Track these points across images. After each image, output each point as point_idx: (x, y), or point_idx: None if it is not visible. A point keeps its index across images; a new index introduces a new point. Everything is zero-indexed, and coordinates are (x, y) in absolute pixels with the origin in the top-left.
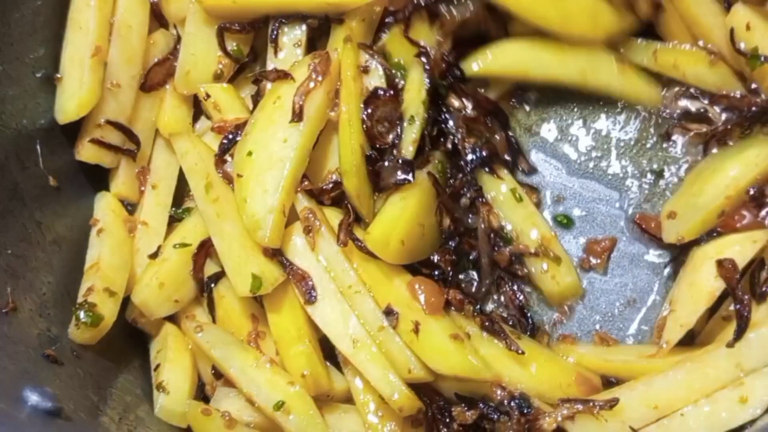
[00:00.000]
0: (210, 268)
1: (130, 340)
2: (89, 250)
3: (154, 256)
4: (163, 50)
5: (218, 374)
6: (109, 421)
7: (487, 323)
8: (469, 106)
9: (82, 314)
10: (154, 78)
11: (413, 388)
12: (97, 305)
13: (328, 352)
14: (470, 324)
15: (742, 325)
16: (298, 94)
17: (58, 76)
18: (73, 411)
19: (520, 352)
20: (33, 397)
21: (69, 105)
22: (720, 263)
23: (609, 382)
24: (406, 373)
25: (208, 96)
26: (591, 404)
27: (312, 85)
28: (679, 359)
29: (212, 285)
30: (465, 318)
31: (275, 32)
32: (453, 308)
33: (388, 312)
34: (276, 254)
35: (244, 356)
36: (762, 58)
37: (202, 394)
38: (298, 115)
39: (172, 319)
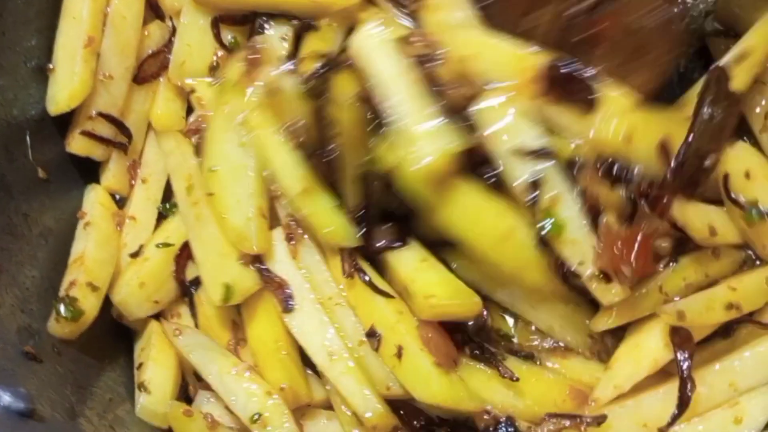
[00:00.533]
0: (193, 271)
1: (115, 337)
2: (75, 243)
3: (135, 255)
4: (158, 42)
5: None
6: (86, 422)
7: (476, 351)
8: None
9: (62, 308)
10: (148, 70)
11: (393, 404)
12: (78, 300)
13: (309, 359)
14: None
15: (682, 407)
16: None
17: (50, 66)
18: (50, 411)
19: (514, 378)
20: (5, 398)
21: (60, 96)
22: (675, 330)
23: None
24: (384, 390)
25: (193, 91)
26: (578, 420)
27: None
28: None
29: (193, 289)
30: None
31: (261, 28)
32: None
33: (371, 334)
34: (255, 261)
35: (223, 363)
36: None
37: (185, 395)
38: None
39: (158, 317)
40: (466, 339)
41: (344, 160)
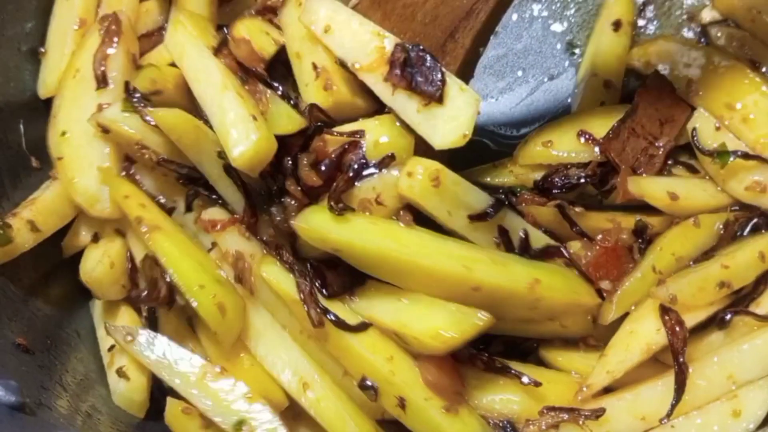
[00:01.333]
0: None
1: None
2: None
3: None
4: (156, 20)
5: None
6: (68, 411)
7: (489, 363)
8: None
9: None
10: (141, 49)
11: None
12: (12, 228)
13: None
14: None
15: (680, 392)
16: (96, 60)
17: (42, 50)
18: (35, 404)
19: (537, 384)
20: None
21: (50, 78)
22: (665, 310)
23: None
24: (378, 416)
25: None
26: (576, 413)
27: (110, 50)
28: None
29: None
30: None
31: None
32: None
33: (364, 386)
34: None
35: (190, 368)
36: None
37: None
38: (102, 81)
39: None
40: (473, 354)
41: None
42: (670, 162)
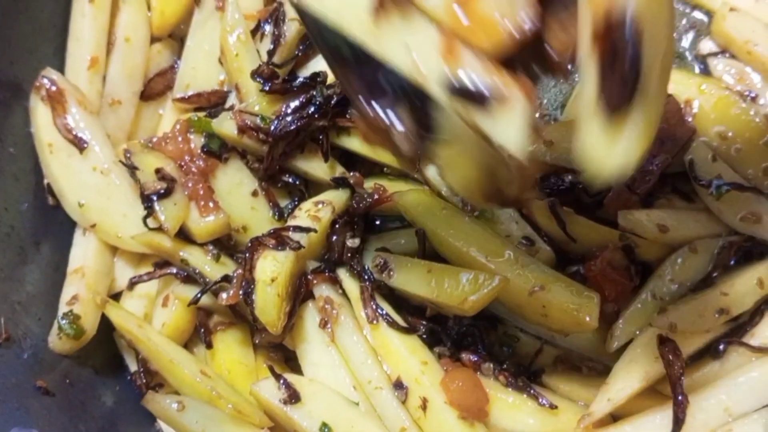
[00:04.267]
0: None
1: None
2: (73, 249)
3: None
4: (167, 59)
5: None
6: None
7: (511, 380)
8: None
9: (65, 324)
10: (155, 88)
11: None
12: (81, 318)
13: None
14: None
15: (678, 425)
16: (62, 129)
17: None
18: None
19: (553, 407)
20: None
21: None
22: (663, 340)
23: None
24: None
25: None
26: None
27: (68, 116)
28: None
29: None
30: (483, 377)
31: None
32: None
33: (398, 385)
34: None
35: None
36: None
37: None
38: (80, 144)
39: None
40: (498, 368)
41: None
42: (667, 188)
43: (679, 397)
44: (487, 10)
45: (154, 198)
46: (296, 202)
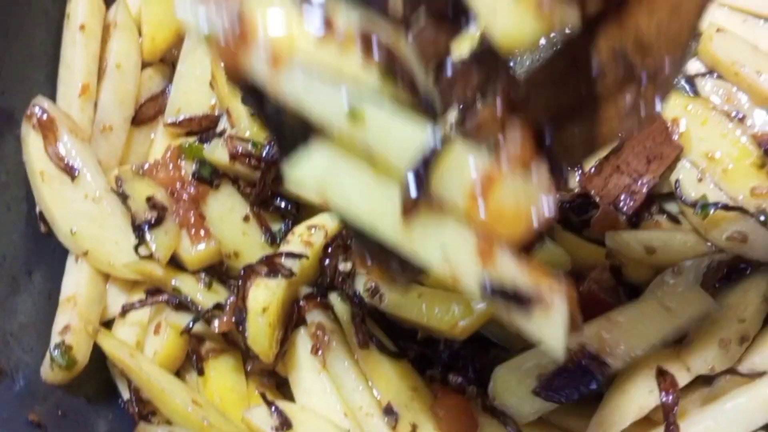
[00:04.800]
0: None
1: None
2: (65, 277)
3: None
4: (159, 84)
5: None
6: None
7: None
8: None
9: (57, 355)
10: (146, 113)
11: None
12: (73, 348)
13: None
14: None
15: None
16: (53, 158)
17: None
18: None
19: None
20: None
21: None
22: (661, 372)
23: None
24: None
25: None
26: None
27: (59, 144)
28: None
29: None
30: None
31: None
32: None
33: (388, 411)
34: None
35: None
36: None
37: None
38: (71, 172)
39: None
40: (483, 392)
41: None
42: (654, 209)
43: (671, 427)
44: (507, 201)
45: (145, 227)
46: (289, 225)
